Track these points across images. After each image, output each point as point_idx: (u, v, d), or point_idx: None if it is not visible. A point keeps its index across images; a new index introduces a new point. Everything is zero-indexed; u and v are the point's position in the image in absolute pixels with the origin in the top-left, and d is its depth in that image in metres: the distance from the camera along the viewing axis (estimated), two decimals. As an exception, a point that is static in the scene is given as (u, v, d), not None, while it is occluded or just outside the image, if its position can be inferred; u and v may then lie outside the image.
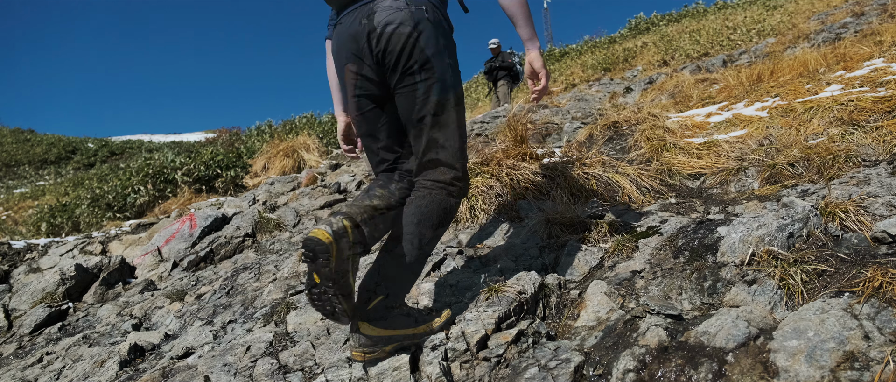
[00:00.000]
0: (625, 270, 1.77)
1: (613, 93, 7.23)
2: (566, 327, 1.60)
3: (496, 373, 1.40)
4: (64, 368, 2.07)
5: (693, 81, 5.64)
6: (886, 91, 2.77)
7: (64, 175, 19.83)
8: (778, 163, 2.34)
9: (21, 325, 2.62)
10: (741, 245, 1.56)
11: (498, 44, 9.11)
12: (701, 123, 3.37)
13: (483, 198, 2.61)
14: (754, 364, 1.17)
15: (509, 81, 9.06)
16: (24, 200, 13.52)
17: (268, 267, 2.71)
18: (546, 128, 4.80)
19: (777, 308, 1.34)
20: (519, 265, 2.01)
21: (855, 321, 1.16)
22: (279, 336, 1.82)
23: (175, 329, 2.25)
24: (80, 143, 24.97)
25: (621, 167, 2.70)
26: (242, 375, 1.59)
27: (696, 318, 1.42)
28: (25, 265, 3.49)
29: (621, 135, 3.59)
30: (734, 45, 9.20)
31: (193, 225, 3.49)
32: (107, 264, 3.12)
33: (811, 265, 1.40)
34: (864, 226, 1.58)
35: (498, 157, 2.84)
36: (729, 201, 2.24)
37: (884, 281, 1.22)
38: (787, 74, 4.20)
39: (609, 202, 2.49)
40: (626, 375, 1.28)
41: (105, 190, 6.38)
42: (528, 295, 1.67)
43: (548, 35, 37.03)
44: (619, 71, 10.84)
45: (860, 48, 4.36)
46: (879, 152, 2.17)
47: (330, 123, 9.75)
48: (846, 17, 7.49)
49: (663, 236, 1.91)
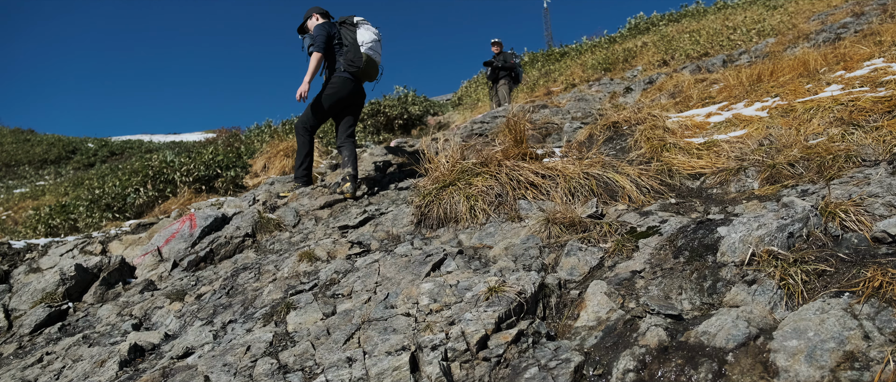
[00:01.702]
0: (625, 270, 1.77)
1: (613, 93, 7.23)
2: (566, 327, 1.60)
3: (496, 373, 1.40)
4: (64, 368, 2.07)
5: (693, 81, 5.64)
6: (886, 91, 2.77)
7: (64, 175, 19.83)
8: (778, 163, 2.34)
9: (21, 325, 2.62)
10: (741, 245, 1.56)
11: (500, 43, 9.11)
12: (701, 123, 3.37)
13: (483, 198, 2.61)
14: (754, 364, 1.17)
15: (510, 82, 9.06)
16: (24, 200, 13.52)
17: (268, 267, 2.71)
18: (546, 128, 4.80)
19: (777, 308, 1.34)
20: (519, 265, 2.01)
21: (855, 321, 1.16)
22: (279, 335, 1.82)
23: (175, 329, 2.25)
24: (80, 143, 24.96)
25: (621, 167, 2.69)
26: (242, 375, 1.59)
27: (696, 318, 1.42)
28: (25, 265, 3.49)
29: (621, 135, 3.59)
30: (734, 45, 9.20)
31: (193, 225, 3.49)
32: (107, 264, 3.12)
33: (811, 265, 1.40)
34: (864, 226, 1.58)
35: (498, 157, 2.84)
36: (729, 201, 2.24)
37: (884, 281, 1.22)
38: (787, 74, 4.20)
39: (609, 202, 2.49)
40: (626, 375, 1.28)
41: (105, 190, 6.38)
42: (528, 295, 1.67)
43: (548, 35, 36.98)
44: (619, 71, 10.84)
45: (860, 48, 4.36)
46: (879, 152, 2.17)
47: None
48: (846, 17, 7.49)
49: (663, 236, 1.91)
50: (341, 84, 4.12)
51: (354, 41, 4.17)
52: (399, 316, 1.74)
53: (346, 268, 2.35)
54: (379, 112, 11.15)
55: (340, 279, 2.25)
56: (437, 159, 3.09)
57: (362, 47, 4.15)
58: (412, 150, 5.49)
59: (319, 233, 3.20)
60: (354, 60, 4.11)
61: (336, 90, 4.13)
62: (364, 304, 1.92)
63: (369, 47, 4.17)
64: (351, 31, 4.22)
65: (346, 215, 3.48)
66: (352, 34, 4.21)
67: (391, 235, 2.81)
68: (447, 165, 2.99)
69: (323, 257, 2.62)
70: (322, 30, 4.06)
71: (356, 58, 4.12)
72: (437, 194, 2.73)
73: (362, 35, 4.19)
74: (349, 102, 4.23)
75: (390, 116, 11.14)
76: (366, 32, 4.22)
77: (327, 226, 3.31)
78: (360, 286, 2.09)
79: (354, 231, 3.04)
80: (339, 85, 4.13)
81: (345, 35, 4.20)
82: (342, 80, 4.12)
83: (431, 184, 2.90)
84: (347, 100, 4.21)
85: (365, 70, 4.19)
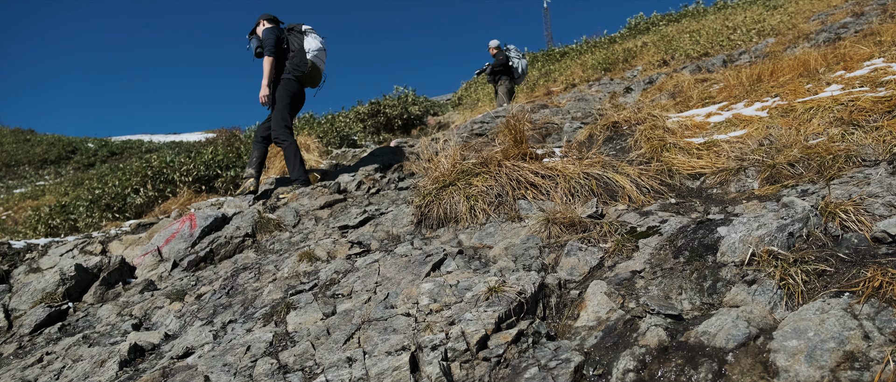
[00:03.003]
0: (625, 270, 1.77)
1: (613, 93, 7.23)
2: (566, 327, 1.60)
3: (496, 373, 1.40)
4: (64, 368, 2.07)
5: (693, 81, 5.64)
6: (886, 91, 2.77)
7: (64, 175, 19.82)
8: (778, 163, 2.34)
9: (21, 325, 2.62)
10: (741, 245, 1.56)
11: (498, 46, 9.09)
12: (701, 123, 3.37)
13: (483, 198, 2.61)
14: (754, 364, 1.17)
15: (508, 81, 9.05)
16: (24, 200, 13.51)
17: (268, 267, 2.71)
18: (546, 128, 4.80)
19: (777, 308, 1.34)
20: (519, 265, 2.01)
21: (855, 321, 1.16)
22: (279, 335, 1.82)
23: (175, 329, 2.25)
24: (80, 143, 24.94)
25: (621, 167, 2.69)
26: (242, 375, 1.59)
27: (696, 318, 1.42)
28: (25, 264, 3.49)
29: (621, 135, 3.59)
30: (734, 45, 9.19)
31: (193, 225, 3.49)
32: (107, 264, 3.11)
33: (811, 265, 1.40)
34: (864, 226, 1.58)
35: (498, 157, 2.84)
36: (729, 201, 2.24)
37: (884, 281, 1.22)
38: (787, 74, 4.20)
39: (609, 202, 2.49)
40: (626, 375, 1.28)
41: (105, 190, 6.37)
42: (528, 295, 1.67)
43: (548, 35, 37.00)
44: (619, 71, 10.84)
45: (860, 48, 4.36)
46: (879, 152, 2.17)
47: (329, 123, 9.75)
48: (846, 17, 7.49)
49: (663, 236, 1.91)
50: (288, 86, 4.42)
51: (301, 47, 4.44)
52: (399, 316, 1.74)
53: (346, 268, 2.35)
54: (379, 112, 11.14)
55: (340, 279, 2.25)
56: (437, 159, 3.09)
57: (308, 54, 4.43)
58: (412, 150, 5.50)
59: (319, 233, 3.20)
60: (300, 65, 4.39)
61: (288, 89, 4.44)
62: (364, 304, 1.92)
63: (314, 55, 4.45)
64: (299, 38, 4.50)
65: (346, 215, 3.48)
66: (299, 41, 4.48)
67: (391, 235, 2.81)
68: (447, 165, 2.99)
69: (323, 257, 2.62)
70: (272, 34, 4.30)
71: (301, 63, 4.39)
72: (437, 194, 2.73)
73: (309, 43, 4.48)
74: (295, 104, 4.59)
75: (390, 116, 11.14)
76: (312, 40, 4.50)
77: (327, 226, 3.31)
78: (360, 286, 2.09)
79: (354, 231, 3.04)
80: (287, 87, 4.42)
81: (292, 41, 4.47)
82: (288, 81, 4.41)
83: (431, 184, 2.90)
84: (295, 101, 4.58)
85: (310, 76, 4.48)
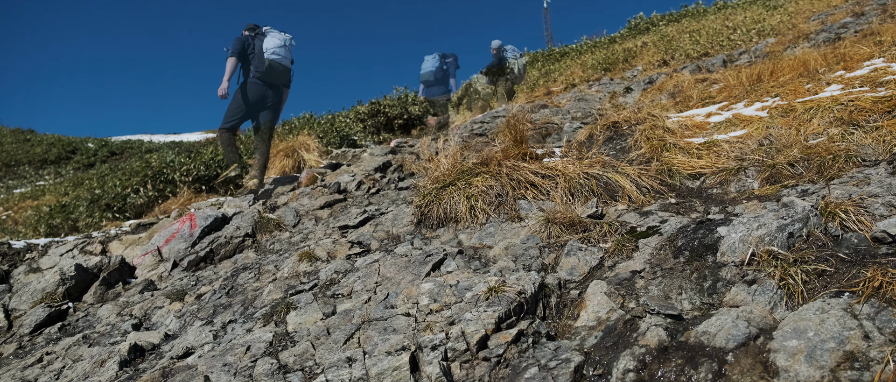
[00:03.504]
0: (625, 270, 1.77)
1: (613, 93, 7.23)
2: (566, 327, 1.60)
3: (496, 373, 1.40)
4: (64, 368, 2.07)
5: (693, 81, 5.64)
6: (886, 91, 2.77)
7: (64, 175, 19.81)
8: (778, 163, 2.34)
9: (21, 325, 2.62)
10: (741, 245, 1.56)
11: (498, 46, 9.10)
12: (701, 123, 3.37)
13: (483, 198, 2.61)
14: (754, 364, 1.17)
15: (507, 81, 9.06)
16: (23, 200, 13.50)
17: (268, 267, 2.71)
18: (546, 128, 4.80)
19: (777, 308, 1.34)
20: (519, 265, 2.01)
21: (855, 321, 1.16)
22: (279, 335, 1.82)
23: (175, 329, 2.25)
24: (80, 143, 24.93)
25: (621, 167, 2.69)
26: (242, 375, 1.59)
27: (696, 318, 1.42)
28: (25, 264, 3.49)
29: (621, 135, 3.59)
30: (734, 45, 9.19)
31: (193, 225, 3.49)
32: (107, 264, 3.11)
33: (811, 265, 1.40)
34: (864, 226, 1.58)
35: (498, 157, 2.84)
36: (729, 201, 2.24)
37: (884, 281, 1.22)
38: (787, 74, 4.20)
39: (609, 202, 2.49)
40: (626, 375, 1.28)
41: (105, 190, 6.37)
42: (528, 295, 1.67)
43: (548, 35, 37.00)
44: (619, 71, 10.83)
45: (860, 48, 4.36)
46: (879, 152, 2.17)
47: (329, 123, 9.75)
48: (846, 17, 7.50)
49: (663, 236, 1.91)
50: (250, 88, 4.82)
51: (261, 49, 4.74)
52: (399, 316, 1.74)
53: (346, 268, 2.35)
54: (379, 112, 11.13)
55: (340, 279, 2.25)
56: (437, 159, 3.09)
57: (266, 54, 4.71)
58: (412, 150, 5.50)
59: (319, 233, 3.20)
60: (258, 66, 4.74)
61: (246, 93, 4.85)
62: (364, 304, 1.92)
63: (273, 53, 4.72)
64: (260, 41, 4.81)
65: (346, 215, 3.48)
66: (260, 43, 4.79)
67: (391, 235, 2.81)
68: (447, 165, 2.99)
69: (323, 257, 2.62)
70: (238, 39, 4.77)
71: (259, 64, 4.73)
72: (437, 194, 2.73)
73: (267, 42, 4.77)
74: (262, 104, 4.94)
75: (390, 116, 11.12)
76: (271, 39, 4.79)
77: (327, 226, 3.31)
78: (360, 286, 2.09)
79: (354, 231, 3.04)
80: (248, 89, 4.82)
81: (257, 45, 4.79)
82: (251, 84, 4.81)
83: (431, 184, 2.90)
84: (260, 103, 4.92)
85: (271, 74, 4.80)
